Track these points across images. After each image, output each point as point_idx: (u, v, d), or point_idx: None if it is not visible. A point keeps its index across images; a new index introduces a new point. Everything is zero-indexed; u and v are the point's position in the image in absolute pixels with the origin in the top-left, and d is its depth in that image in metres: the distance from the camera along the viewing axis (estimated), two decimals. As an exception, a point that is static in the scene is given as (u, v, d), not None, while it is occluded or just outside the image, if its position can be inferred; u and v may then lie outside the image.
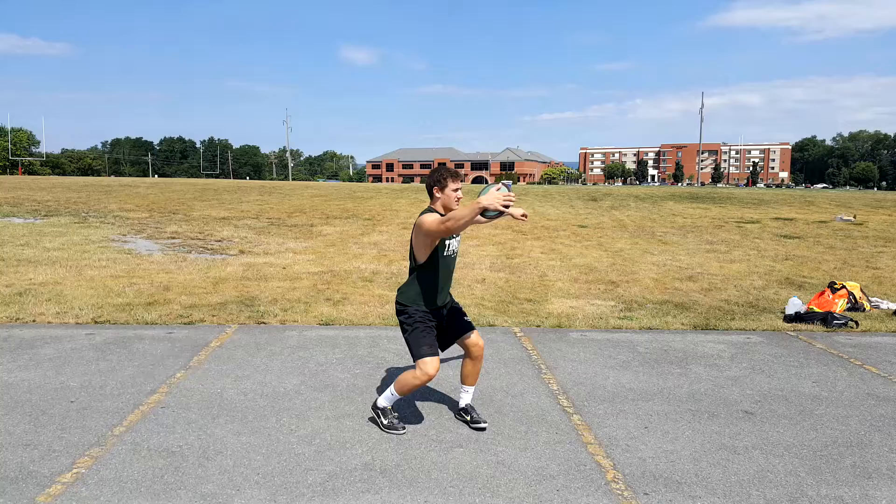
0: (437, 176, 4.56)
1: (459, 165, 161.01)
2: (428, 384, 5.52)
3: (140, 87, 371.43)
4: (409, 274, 4.68)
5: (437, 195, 4.57)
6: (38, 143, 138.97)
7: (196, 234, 17.44)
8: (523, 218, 4.77)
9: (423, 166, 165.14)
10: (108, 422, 4.81)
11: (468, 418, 4.90)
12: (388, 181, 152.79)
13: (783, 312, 8.71)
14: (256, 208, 26.39)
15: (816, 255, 15.48)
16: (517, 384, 5.81)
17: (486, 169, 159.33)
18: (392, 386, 4.72)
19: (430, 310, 4.64)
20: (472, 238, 17.38)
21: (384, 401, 4.78)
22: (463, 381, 4.94)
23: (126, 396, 5.34)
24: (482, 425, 4.80)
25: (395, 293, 4.80)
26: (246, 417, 4.94)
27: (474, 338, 4.82)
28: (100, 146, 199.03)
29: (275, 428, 4.76)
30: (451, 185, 4.54)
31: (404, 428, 4.74)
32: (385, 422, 4.76)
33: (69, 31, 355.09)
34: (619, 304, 9.39)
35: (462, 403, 4.99)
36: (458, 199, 4.60)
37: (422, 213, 4.48)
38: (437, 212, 4.52)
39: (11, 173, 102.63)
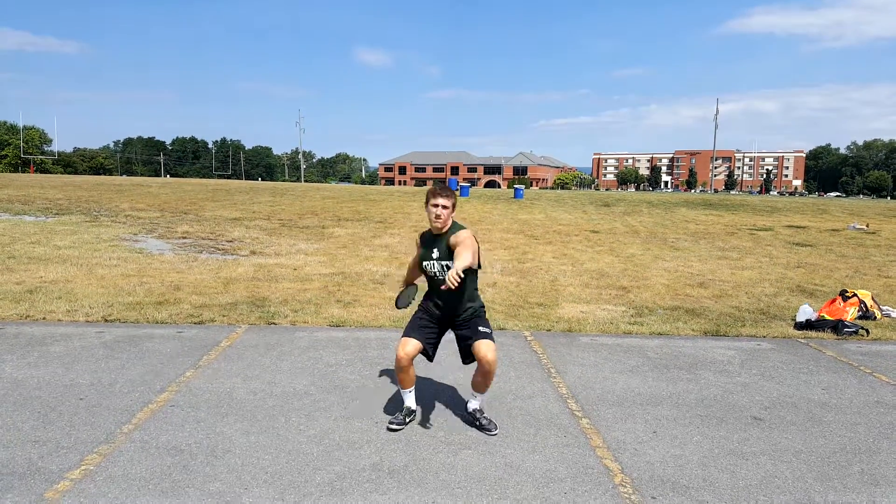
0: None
1: (472, 169, 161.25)
2: (439, 384, 5.55)
3: (153, 87, 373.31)
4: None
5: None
6: (51, 141, 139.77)
7: (207, 235, 17.49)
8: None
9: (435, 169, 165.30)
10: (117, 419, 4.83)
11: (476, 423, 4.90)
12: (400, 184, 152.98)
13: (794, 320, 8.67)
14: (268, 209, 26.46)
15: (828, 263, 15.40)
16: (527, 387, 5.80)
17: (499, 173, 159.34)
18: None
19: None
20: (484, 242, 17.39)
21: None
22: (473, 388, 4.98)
23: (135, 394, 5.36)
24: (493, 433, 4.81)
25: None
26: (255, 417, 4.96)
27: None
28: (112, 145, 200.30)
29: (283, 427, 4.77)
30: (431, 201, 4.74)
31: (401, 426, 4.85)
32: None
33: (83, 30, 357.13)
34: (629, 309, 9.36)
35: (470, 407, 4.99)
36: (437, 216, 4.74)
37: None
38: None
39: (23, 171, 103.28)
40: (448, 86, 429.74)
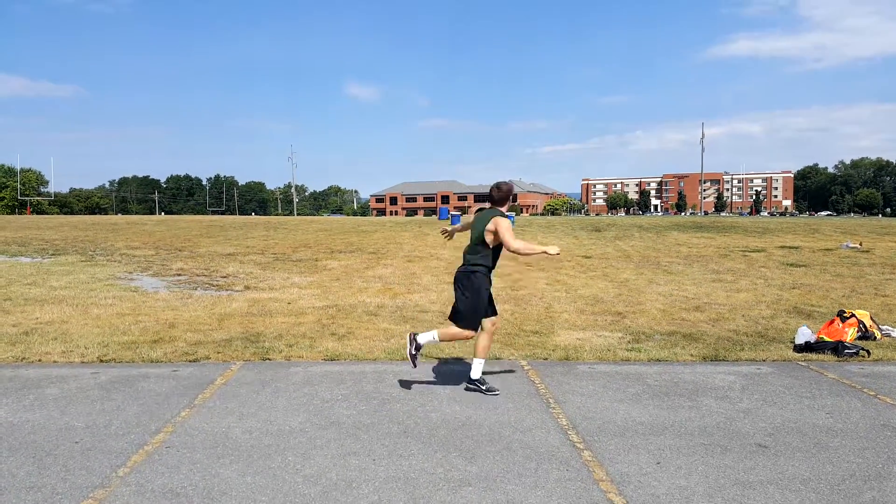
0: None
1: (462, 198, 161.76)
2: (433, 416, 5.51)
3: (147, 127, 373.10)
4: (479, 251, 6.43)
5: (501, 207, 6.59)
6: (47, 182, 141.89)
7: (202, 271, 17.43)
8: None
9: (426, 199, 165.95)
10: (112, 463, 4.75)
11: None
12: (391, 214, 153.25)
13: (793, 342, 8.63)
14: (262, 244, 26.41)
15: (824, 283, 15.39)
16: (525, 419, 5.73)
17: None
18: (477, 354, 6.50)
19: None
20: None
21: (475, 373, 6.50)
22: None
23: (131, 436, 5.28)
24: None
25: (466, 261, 6.50)
26: (251, 457, 4.88)
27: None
28: (107, 185, 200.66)
29: (280, 467, 4.69)
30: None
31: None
32: (485, 388, 6.45)
33: (78, 74, 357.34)
34: (626, 335, 9.31)
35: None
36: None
37: (499, 214, 6.43)
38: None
39: (20, 213, 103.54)
40: (437, 116, 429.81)
